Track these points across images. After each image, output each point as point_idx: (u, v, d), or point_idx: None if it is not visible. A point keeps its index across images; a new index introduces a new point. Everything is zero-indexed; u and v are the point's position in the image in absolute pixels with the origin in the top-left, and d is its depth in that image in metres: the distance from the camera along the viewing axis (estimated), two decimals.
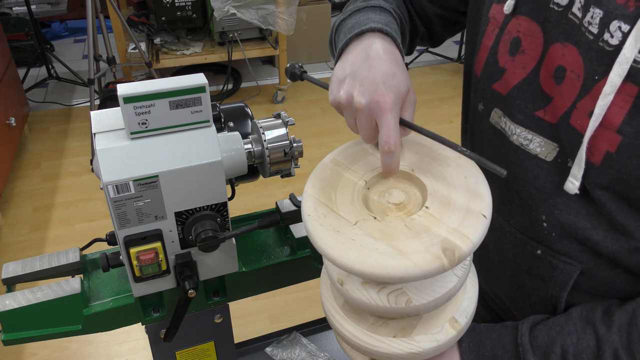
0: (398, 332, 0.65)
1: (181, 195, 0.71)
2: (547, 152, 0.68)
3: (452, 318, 0.66)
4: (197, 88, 0.69)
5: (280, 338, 1.23)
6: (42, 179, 2.69)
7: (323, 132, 3.04)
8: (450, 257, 0.54)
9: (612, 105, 0.57)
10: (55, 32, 4.16)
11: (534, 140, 0.69)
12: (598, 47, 0.58)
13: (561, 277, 0.70)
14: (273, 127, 0.81)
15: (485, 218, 0.57)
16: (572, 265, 0.69)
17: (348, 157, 0.69)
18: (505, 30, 0.71)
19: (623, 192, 0.61)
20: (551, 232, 0.70)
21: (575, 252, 0.69)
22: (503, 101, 0.72)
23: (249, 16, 2.92)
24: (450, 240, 0.55)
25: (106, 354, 1.86)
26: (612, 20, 0.56)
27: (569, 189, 0.64)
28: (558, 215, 0.68)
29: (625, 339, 0.63)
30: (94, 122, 0.71)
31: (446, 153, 0.66)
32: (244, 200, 2.41)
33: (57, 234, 2.37)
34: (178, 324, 0.81)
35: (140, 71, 3.32)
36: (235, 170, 0.78)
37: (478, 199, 0.59)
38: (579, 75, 0.61)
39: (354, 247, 0.56)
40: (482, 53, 0.75)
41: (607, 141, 0.59)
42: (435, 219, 0.58)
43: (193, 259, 0.77)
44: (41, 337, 0.81)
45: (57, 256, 0.85)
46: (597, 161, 0.61)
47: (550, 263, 0.71)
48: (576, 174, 0.63)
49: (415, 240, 0.56)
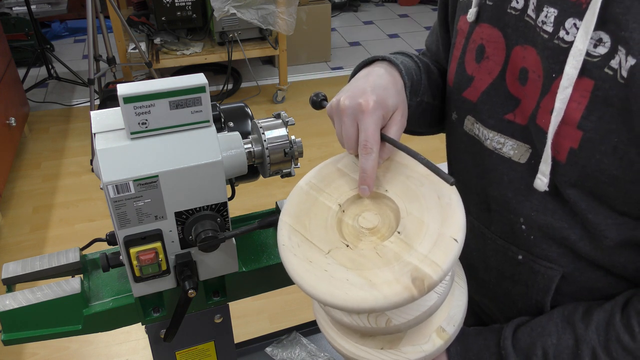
0: (385, 344, 0.66)
1: (181, 195, 0.71)
2: (520, 155, 0.69)
3: (439, 327, 0.66)
4: (197, 88, 0.69)
5: (280, 338, 1.23)
6: (42, 179, 2.69)
7: (323, 132, 3.04)
8: (420, 287, 0.54)
9: (571, 102, 0.58)
10: (55, 32, 4.16)
11: (507, 143, 0.70)
12: (553, 45, 0.60)
13: (543, 282, 0.71)
14: (273, 127, 0.81)
15: (457, 242, 0.56)
16: (553, 270, 0.69)
17: (323, 179, 0.69)
18: (470, 39, 0.73)
19: (591, 188, 0.62)
20: (530, 235, 0.70)
21: (555, 256, 0.69)
22: (474, 108, 0.74)
23: (249, 16, 2.92)
24: (420, 269, 0.55)
25: (106, 354, 1.86)
26: (567, 18, 0.58)
27: (538, 186, 0.65)
28: (535, 216, 0.68)
29: (603, 337, 0.63)
30: (94, 122, 0.71)
31: (420, 170, 0.65)
32: (244, 200, 2.41)
33: (57, 234, 2.36)
34: (178, 324, 0.81)
35: (140, 71, 3.32)
36: (235, 170, 0.78)
37: (450, 221, 0.58)
38: (539, 75, 0.63)
39: (325, 278, 0.57)
40: (453, 64, 0.77)
41: (570, 138, 0.60)
42: (406, 245, 0.58)
43: (193, 259, 0.77)
44: (41, 337, 0.81)
45: (57, 256, 0.85)
46: (563, 158, 0.62)
47: (532, 268, 0.71)
48: (544, 171, 0.63)
49: (385, 269, 0.56)
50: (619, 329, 0.62)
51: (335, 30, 4.37)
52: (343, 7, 4.75)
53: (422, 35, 4.32)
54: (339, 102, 0.66)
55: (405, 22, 4.62)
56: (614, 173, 0.58)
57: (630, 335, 0.61)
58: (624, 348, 0.62)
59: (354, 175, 0.67)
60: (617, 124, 0.56)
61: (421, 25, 4.56)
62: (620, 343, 0.62)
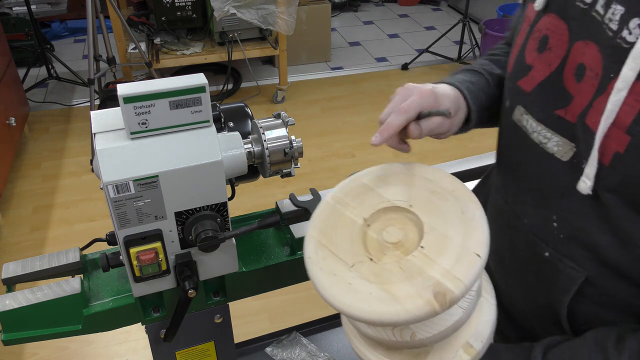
0: (412, 358, 0.66)
1: (181, 195, 0.71)
2: (564, 152, 0.68)
3: (466, 343, 0.66)
4: (197, 88, 0.69)
5: (280, 338, 1.23)
6: (42, 179, 2.69)
7: (323, 132, 3.04)
8: (442, 301, 0.55)
9: (624, 105, 0.57)
10: (55, 32, 4.16)
11: (553, 139, 0.69)
12: (615, 43, 0.58)
13: (565, 282, 0.70)
14: (273, 127, 0.81)
15: (480, 257, 0.57)
16: (577, 271, 0.69)
17: (349, 194, 0.71)
18: (535, 28, 0.71)
19: (631, 196, 0.60)
20: (560, 234, 0.69)
21: (580, 258, 0.68)
22: (526, 98, 0.72)
23: (249, 16, 2.92)
24: (442, 284, 0.56)
25: (106, 354, 1.86)
26: (633, 18, 0.56)
27: (582, 189, 0.64)
28: (569, 216, 0.68)
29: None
30: (94, 122, 0.71)
31: (445, 185, 0.67)
32: (244, 200, 2.41)
33: (57, 234, 2.36)
34: (178, 324, 0.81)
35: (140, 71, 3.32)
36: (235, 170, 0.78)
37: (473, 236, 0.59)
38: (597, 74, 0.61)
39: (350, 291, 0.59)
40: (514, 51, 0.76)
41: (617, 141, 0.59)
42: (429, 260, 0.59)
43: (193, 259, 0.77)
44: (41, 337, 0.81)
45: (57, 256, 0.85)
46: (607, 161, 0.60)
47: (557, 267, 0.71)
48: (589, 174, 0.62)
49: (408, 283, 0.58)
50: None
51: (335, 30, 4.37)
52: (343, 7, 4.75)
53: (422, 35, 4.32)
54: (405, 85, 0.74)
55: (405, 22, 4.62)
56: None
57: None
58: None
59: (379, 189, 0.69)
60: None
61: (421, 25, 4.56)
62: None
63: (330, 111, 3.26)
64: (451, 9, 4.91)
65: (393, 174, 0.71)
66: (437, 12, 4.87)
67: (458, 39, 3.75)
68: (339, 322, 1.31)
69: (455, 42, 3.93)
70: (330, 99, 3.39)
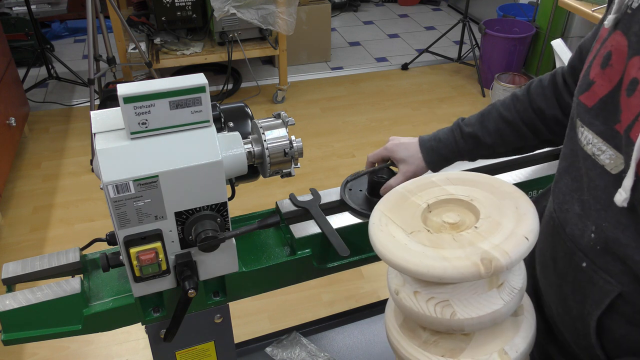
0: (447, 352, 0.69)
1: (181, 195, 0.71)
2: (615, 165, 0.68)
3: (501, 349, 0.69)
4: (197, 88, 0.69)
5: (280, 338, 1.23)
6: (42, 179, 2.69)
7: (323, 132, 3.04)
8: (487, 266, 0.60)
9: None
10: (55, 32, 4.16)
11: (607, 152, 0.69)
12: None
13: (598, 294, 0.70)
14: (273, 127, 0.81)
15: (528, 240, 0.63)
16: (611, 285, 0.69)
17: (418, 187, 0.78)
18: (604, 45, 0.72)
19: None
20: (596, 245, 0.70)
21: (616, 271, 0.68)
22: (587, 112, 0.73)
23: (249, 16, 2.92)
24: (490, 252, 0.61)
25: (106, 354, 1.86)
26: None
27: (618, 201, 0.64)
28: (606, 228, 0.68)
29: None
30: (94, 122, 0.71)
31: (505, 189, 0.73)
32: (244, 200, 2.41)
33: (57, 234, 2.36)
34: (178, 324, 0.81)
35: (140, 71, 3.32)
36: (235, 170, 0.78)
37: (524, 225, 0.65)
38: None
39: (404, 250, 0.65)
40: (584, 67, 0.77)
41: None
42: (481, 236, 0.65)
43: (193, 259, 0.77)
44: (41, 337, 0.81)
45: (57, 256, 0.85)
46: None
47: (592, 278, 0.71)
48: (626, 186, 0.63)
49: (459, 249, 0.64)
50: None
51: (335, 30, 4.37)
52: (343, 7, 4.75)
53: (422, 35, 4.32)
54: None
55: (405, 22, 4.62)
56: None
57: None
58: None
59: (446, 186, 0.76)
60: None
61: (421, 25, 4.56)
62: None
63: (330, 111, 3.26)
64: (451, 9, 4.91)
65: (461, 177, 0.77)
66: (437, 12, 4.87)
67: (458, 39, 3.75)
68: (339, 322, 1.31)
69: (455, 42, 3.93)
70: (330, 99, 3.39)
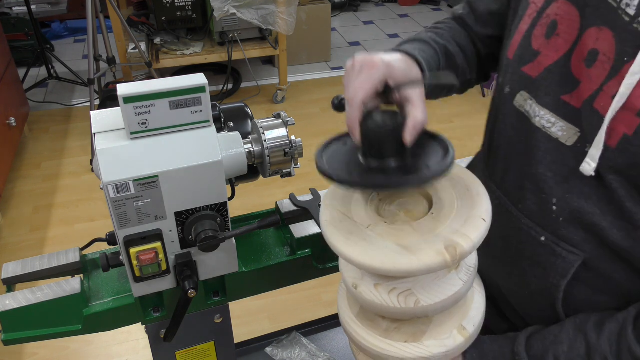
0: (409, 337, 0.69)
1: (181, 195, 0.71)
2: (568, 137, 0.69)
3: (460, 326, 0.70)
4: (197, 88, 0.69)
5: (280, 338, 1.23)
6: (42, 179, 2.69)
7: (323, 132, 3.03)
8: (452, 254, 0.59)
9: (636, 88, 0.58)
10: (55, 32, 4.16)
11: (557, 124, 0.70)
12: (632, 28, 0.59)
13: (563, 265, 0.71)
14: (273, 127, 0.81)
15: (485, 221, 0.62)
16: (575, 255, 0.70)
17: None
18: (544, 14, 0.72)
19: (635, 178, 0.62)
20: (559, 217, 0.70)
21: (579, 240, 0.69)
22: (532, 84, 0.73)
23: (249, 16, 2.92)
24: (452, 239, 0.60)
25: (106, 354, 1.86)
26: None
27: (585, 171, 0.65)
28: (569, 199, 0.69)
29: (615, 348, 0.65)
30: (94, 122, 0.71)
31: (454, 172, 0.69)
32: (244, 200, 2.41)
33: (57, 234, 2.36)
34: (178, 324, 0.81)
35: (140, 71, 3.32)
36: (235, 170, 0.78)
37: (478, 206, 0.65)
38: (610, 58, 0.62)
39: (365, 246, 0.62)
40: (517, 37, 0.76)
41: (626, 124, 0.60)
42: (439, 222, 0.64)
43: (193, 259, 0.77)
44: (41, 337, 0.81)
45: (57, 256, 0.85)
46: (614, 144, 0.62)
47: (554, 251, 0.72)
48: (594, 156, 0.64)
49: (421, 239, 0.62)
50: (631, 340, 0.63)
51: (335, 30, 4.37)
52: (343, 7, 4.75)
53: None
54: (354, 58, 0.69)
55: (405, 22, 4.62)
56: None
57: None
58: (636, 359, 0.63)
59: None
60: None
61: (421, 25, 4.56)
62: (632, 354, 0.63)
63: (330, 111, 3.24)
64: (451, 9, 4.92)
65: None
66: (437, 12, 4.87)
67: None
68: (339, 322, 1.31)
69: None
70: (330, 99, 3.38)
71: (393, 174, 0.64)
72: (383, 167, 0.65)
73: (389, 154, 0.64)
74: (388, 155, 0.64)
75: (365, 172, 0.66)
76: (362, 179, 0.65)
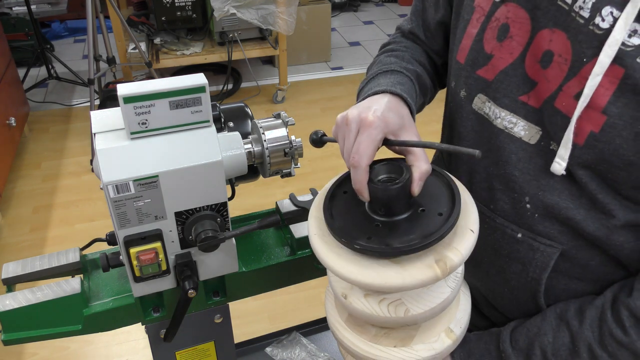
0: (398, 342, 0.70)
1: (181, 195, 0.71)
2: (531, 136, 0.70)
3: (447, 328, 0.71)
4: (197, 88, 0.69)
5: (280, 338, 1.23)
6: (42, 179, 2.69)
7: None
8: (443, 268, 0.59)
9: (599, 87, 0.60)
10: (55, 32, 4.16)
11: (518, 123, 0.71)
12: (588, 30, 0.61)
13: (542, 259, 0.73)
14: (273, 127, 0.81)
15: (473, 233, 0.63)
16: (553, 247, 0.72)
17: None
18: (492, 18, 0.73)
19: (604, 172, 0.64)
20: (534, 214, 0.72)
21: (556, 233, 0.71)
22: (488, 86, 0.75)
23: (249, 16, 2.92)
24: (442, 253, 0.60)
25: (106, 354, 1.86)
26: (605, 6, 0.60)
27: (556, 170, 0.67)
28: (542, 196, 0.70)
29: (597, 333, 0.67)
30: (94, 122, 0.71)
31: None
32: (244, 200, 2.40)
33: (57, 234, 2.36)
34: (178, 324, 0.81)
35: (140, 71, 3.32)
36: (235, 170, 0.78)
37: (466, 216, 0.64)
38: (567, 59, 0.64)
39: (355, 261, 0.62)
40: (466, 41, 0.77)
41: (592, 122, 0.62)
42: None
43: (193, 259, 0.77)
44: (41, 337, 0.81)
45: (57, 256, 0.85)
46: (581, 141, 0.64)
47: (531, 246, 0.73)
48: (563, 155, 0.65)
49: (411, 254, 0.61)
50: (611, 324, 0.66)
51: (335, 30, 4.37)
52: (343, 7, 4.75)
53: None
54: (346, 114, 0.68)
55: None
56: (630, 159, 0.61)
57: (622, 330, 0.65)
58: (618, 342, 0.65)
59: None
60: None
61: None
62: (613, 337, 0.66)
63: (330, 111, 3.26)
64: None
65: None
66: None
67: None
68: None
69: None
70: (330, 99, 3.39)
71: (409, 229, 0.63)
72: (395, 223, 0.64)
73: (400, 211, 0.64)
74: (399, 211, 0.64)
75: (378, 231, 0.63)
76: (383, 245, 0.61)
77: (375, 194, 0.64)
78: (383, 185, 0.63)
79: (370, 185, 0.63)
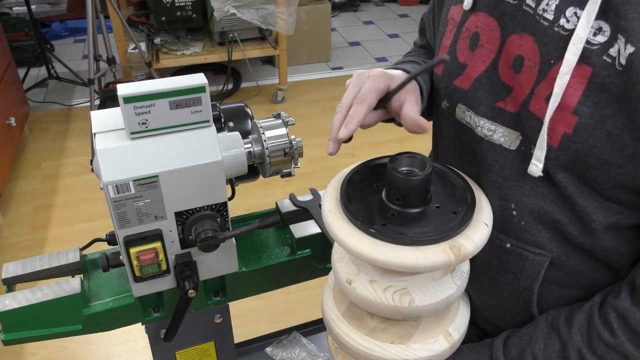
0: (396, 338, 0.69)
1: (181, 195, 0.71)
2: (511, 142, 0.71)
3: (446, 332, 0.71)
4: (197, 88, 0.69)
5: (280, 338, 1.23)
6: (42, 179, 2.69)
7: (323, 132, 3.04)
8: (457, 254, 0.60)
9: (568, 88, 0.60)
10: (55, 32, 4.16)
11: (497, 130, 0.72)
12: (553, 32, 0.62)
13: (532, 268, 0.72)
14: (273, 127, 0.81)
15: (487, 226, 0.64)
16: (542, 255, 0.71)
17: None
18: (463, 28, 0.75)
19: (580, 172, 0.64)
20: (521, 221, 0.72)
21: (544, 241, 0.71)
22: (465, 95, 0.75)
23: (249, 16, 2.92)
24: (457, 240, 0.61)
25: (106, 354, 1.86)
26: (568, 7, 0.60)
27: (533, 172, 0.67)
28: (526, 201, 0.70)
29: (586, 337, 0.67)
30: (94, 122, 0.71)
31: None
32: (244, 200, 2.41)
33: (57, 234, 2.36)
34: (178, 324, 0.81)
35: (140, 71, 3.32)
36: (235, 170, 0.78)
37: (481, 212, 0.66)
38: (536, 62, 0.65)
39: (370, 240, 0.62)
40: (442, 53, 0.79)
41: (564, 123, 0.62)
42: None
43: (193, 259, 0.77)
44: (41, 337, 0.81)
45: (57, 256, 0.85)
46: (555, 143, 0.64)
47: (521, 255, 0.73)
48: (539, 156, 0.65)
49: None
50: (599, 327, 0.66)
51: (335, 30, 4.37)
52: (343, 7, 4.75)
53: None
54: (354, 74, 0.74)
55: (405, 22, 4.62)
56: (605, 157, 0.61)
57: (609, 332, 0.65)
58: (606, 344, 0.65)
59: None
60: (612, 110, 0.59)
61: None
62: (602, 340, 0.65)
63: (330, 111, 3.26)
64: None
65: None
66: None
67: None
68: None
69: None
70: (330, 99, 3.39)
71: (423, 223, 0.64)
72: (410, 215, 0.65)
73: (416, 203, 0.65)
74: (415, 204, 0.65)
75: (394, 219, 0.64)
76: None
77: (396, 182, 0.64)
78: (405, 175, 0.64)
79: (392, 173, 0.64)
